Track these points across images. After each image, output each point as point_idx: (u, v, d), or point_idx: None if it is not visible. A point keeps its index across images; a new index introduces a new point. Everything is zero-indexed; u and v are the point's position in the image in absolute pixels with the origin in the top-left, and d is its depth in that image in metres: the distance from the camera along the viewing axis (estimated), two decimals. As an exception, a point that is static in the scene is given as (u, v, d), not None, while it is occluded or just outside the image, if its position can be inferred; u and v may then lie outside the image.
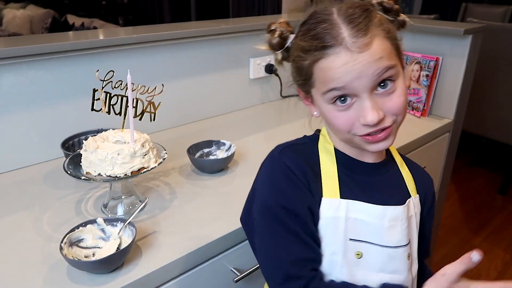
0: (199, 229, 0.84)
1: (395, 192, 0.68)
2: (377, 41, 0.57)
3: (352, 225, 0.63)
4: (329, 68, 0.57)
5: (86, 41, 1.11)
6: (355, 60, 0.55)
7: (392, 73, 0.58)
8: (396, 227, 0.64)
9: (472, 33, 1.36)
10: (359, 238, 0.63)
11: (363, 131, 0.59)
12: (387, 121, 0.59)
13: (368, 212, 0.63)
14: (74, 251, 0.72)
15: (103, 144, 0.81)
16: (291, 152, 0.66)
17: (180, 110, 1.38)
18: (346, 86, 0.57)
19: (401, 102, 0.59)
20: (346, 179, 0.65)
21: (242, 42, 1.49)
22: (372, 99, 0.57)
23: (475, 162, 3.01)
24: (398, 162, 0.72)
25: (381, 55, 0.56)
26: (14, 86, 1.04)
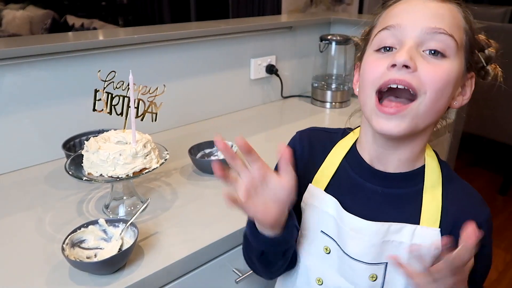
0: (201, 229, 0.84)
1: (392, 210, 0.62)
2: (452, 6, 0.56)
3: (327, 219, 0.64)
4: (393, 8, 0.57)
5: (87, 41, 1.11)
6: (418, 4, 0.55)
7: (447, 41, 0.53)
8: (358, 240, 0.61)
9: (473, 34, 1.36)
10: (329, 234, 0.65)
11: (385, 77, 0.54)
12: (415, 80, 0.52)
13: (338, 214, 0.63)
14: (76, 252, 0.72)
15: (104, 144, 0.81)
16: (313, 132, 0.72)
17: (181, 110, 1.38)
18: (398, 26, 0.54)
19: (440, 75, 0.53)
20: (343, 177, 0.65)
21: (243, 43, 1.48)
22: (413, 48, 0.53)
23: (476, 163, 3.00)
24: (429, 182, 0.62)
25: (446, 15, 0.54)
26: (16, 86, 1.04)
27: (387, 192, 0.63)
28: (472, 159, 3.03)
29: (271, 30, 1.55)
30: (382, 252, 0.61)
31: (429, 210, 0.61)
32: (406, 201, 0.62)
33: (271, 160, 0.71)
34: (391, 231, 0.60)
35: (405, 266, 0.53)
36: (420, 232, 0.60)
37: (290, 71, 1.68)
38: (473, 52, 0.59)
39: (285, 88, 1.67)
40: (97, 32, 1.41)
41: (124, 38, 1.18)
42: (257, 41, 1.53)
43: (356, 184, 0.65)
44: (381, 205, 0.63)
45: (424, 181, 0.62)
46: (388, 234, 0.60)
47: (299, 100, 1.68)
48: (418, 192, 0.62)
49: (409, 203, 0.62)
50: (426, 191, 0.62)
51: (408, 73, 0.52)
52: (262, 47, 1.55)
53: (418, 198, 0.62)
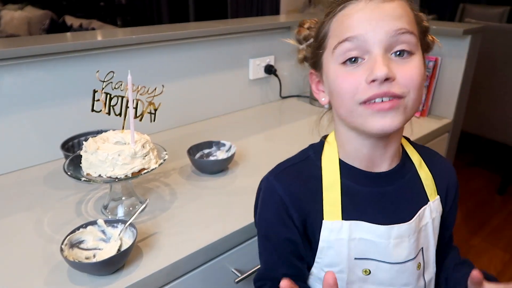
0: (199, 230, 0.84)
1: (410, 201, 0.65)
2: (402, 3, 0.55)
3: (357, 245, 0.61)
4: (347, 16, 0.55)
5: (86, 41, 1.11)
6: (374, 8, 0.53)
7: (410, 39, 0.54)
8: (403, 244, 0.62)
9: (471, 34, 1.37)
10: (365, 257, 0.62)
11: (369, 93, 0.53)
12: (397, 88, 0.53)
13: (372, 232, 0.61)
14: (74, 253, 0.72)
15: (103, 145, 0.81)
16: (287, 176, 0.64)
17: (180, 110, 1.38)
18: (360, 36, 0.53)
19: (415, 73, 0.54)
20: (351, 193, 0.62)
21: (241, 43, 1.49)
22: (384, 56, 0.53)
23: (474, 162, 3.01)
24: (416, 163, 0.67)
25: (402, 14, 0.53)
26: (14, 87, 1.03)
27: (397, 187, 0.64)
28: (471, 158, 3.04)
29: (270, 30, 1.55)
30: (419, 240, 0.65)
31: (428, 185, 0.67)
32: (412, 187, 0.66)
33: (270, 161, 0.71)
34: (419, 220, 0.65)
35: None
36: (432, 206, 0.66)
37: (289, 71, 1.68)
38: (423, 22, 0.60)
39: (283, 88, 1.67)
40: (95, 33, 1.40)
41: (123, 39, 1.18)
42: (255, 41, 1.53)
43: (367, 195, 0.63)
44: (399, 202, 0.64)
45: (413, 165, 0.67)
46: (419, 224, 0.65)
47: (298, 100, 1.69)
48: (414, 175, 0.67)
49: (413, 187, 0.66)
50: (419, 170, 0.67)
51: (389, 84, 0.53)
52: (261, 47, 1.55)
53: (417, 180, 0.67)
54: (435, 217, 0.67)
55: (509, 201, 2.55)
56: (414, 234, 0.63)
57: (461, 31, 1.34)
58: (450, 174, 0.72)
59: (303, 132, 0.73)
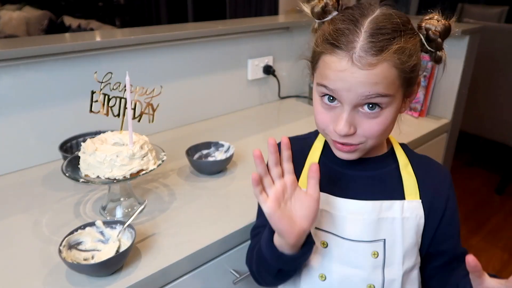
0: (198, 231, 0.84)
1: (378, 190, 0.68)
2: (384, 67, 0.56)
3: (319, 216, 0.67)
4: (329, 66, 0.59)
5: (84, 42, 1.11)
6: (352, 73, 0.56)
7: (382, 101, 0.58)
8: (356, 221, 0.66)
9: (470, 34, 1.37)
10: (324, 228, 0.68)
11: (333, 136, 0.63)
12: (355, 139, 0.61)
13: (331, 203, 0.67)
14: (73, 254, 0.72)
15: (101, 146, 0.81)
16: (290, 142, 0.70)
17: (179, 111, 1.38)
18: (335, 91, 0.59)
19: (377, 129, 0.61)
20: (325, 172, 0.66)
21: (240, 43, 1.48)
22: (351, 113, 0.59)
23: (473, 162, 3.01)
24: (402, 164, 0.71)
25: (378, 81, 0.56)
26: (12, 88, 1.03)
27: (369, 174, 0.70)
28: (469, 158, 3.04)
29: (268, 30, 1.55)
30: (380, 229, 0.66)
31: (409, 185, 0.69)
32: (387, 180, 0.70)
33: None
34: (384, 208, 0.67)
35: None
36: (407, 206, 0.68)
37: (288, 71, 1.68)
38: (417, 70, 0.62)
39: (282, 88, 1.67)
40: (93, 33, 1.40)
41: (121, 39, 1.18)
42: (254, 41, 1.53)
43: (338, 174, 0.70)
44: (367, 187, 0.69)
45: (396, 162, 0.71)
46: (382, 212, 0.67)
47: (297, 101, 1.69)
48: (395, 170, 0.70)
49: (390, 181, 0.70)
50: (402, 169, 0.70)
51: (350, 137, 0.61)
52: (259, 47, 1.55)
53: (397, 176, 0.70)
54: (408, 217, 0.67)
55: (508, 201, 2.56)
56: (370, 216, 0.66)
57: (459, 31, 1.34)
58: (441, 183, 0.72)
59: (301, 132, 0.74)
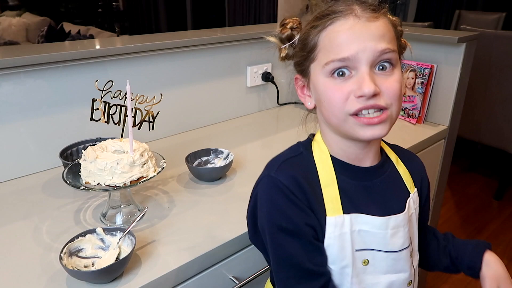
0: (198, 237, 0.84)
1: (395, 193, 0.69)
2: (384, 21, 0.60)
3: (357, 237, 0.64)
4: (337, 32, 0.58)
5: (84, 50, 1.12)
6: (362, 27, 0.57)
7: (392, 56, 0.59)
8: (398, 233, 0.66)
9: (466, 41, 1.38)
10: (365, 247, 0.64)
11: (358, 105, 0.58)
12: (382, 101, 0.58)
13: (371, 223, 0.64)
14: (73, 261, 0.72)
15: (102, 153, 0.82)
16: (287, 168, 0.64)
17: (178, 118, 1.39)
18: (350, 56, 0.57)
19: (397, 87, 0.60)
20: (346, 188, 0.65)
21: (238, 51, 1.50)
22: (370, 73, 0.58)
23: (471, 168, 3.02)
24: (394, 160, 0.73)
25: (385, 32, 0.59)
26: (12, 95, 1.04)
27: (382, 181, 0.69)
28: (467, 164, 3.05)
29: (267, 38, 1.57)
30: (410, 230, 0.69)
31: (407, 180, 0.71)
32: (394, 181, 0.71)
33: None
34: (409, 207, 0.69)
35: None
36: (413, 198, 0.71)
37: (286, 78, 1.69)
38: (400, 36, 0.65)
39: (281, 95, 1.68)
40: (94, 41, 1.41)
41: (121, 47, 1.19)
42: (253, 49, 1.54)
43: (359, 188, 0.66)
44: (386, 195, 0.68)
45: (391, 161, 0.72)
46: (409, 211, 0.69)
47: (295, 107, 1.70)
48: (393, 170, 0.72)
49: (396, 181, 0.71)
50: (397, 166, 0.72)
51: (375, 98, 0.58)
52: (258, 55, 1.57)
53: (397, 174, 0.71)
54: (416, 207, 0.71)
55: (506, 206, 2.56)
56: (407, 223, 0.68)
57: (456, 39, 1.36)
58: (421, 168, 0.77)
59: (300, 139, 0.74)
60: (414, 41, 1.49)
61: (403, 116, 1.52)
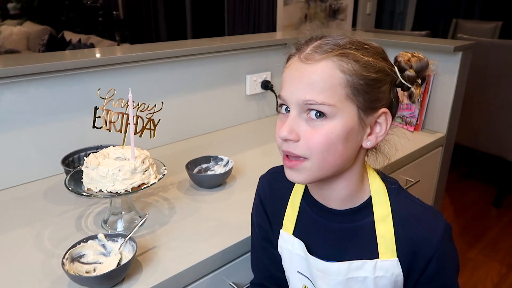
0: (198, 243, 0.85)
1: (352, 246, 0.64)
2: (327, 65, 0.55)
3: (300, 261, 0.70)
4: (286, 68, 0.61)
5: (86, 59, 1.14)
6: (297, 69, 0.57)
7: (321, 108, 0.55)
8: (324, 279, 0.66)
9: (462, 50, 1.40)
10: (304, 274, 0.70)
11: (280, 145, 0.60)
12: (297, 149, 0.57)
13: (306, 256, 0.68)
14: (75, 267, 0.73)
15: (104, 160, 0.83)
16: (272, 175, 0.77)
17: (179, 126, 1.40)
18: (284, 97, 0.59)
19: (319, 141, 0.55)
20: (304, 217, 0.70)
21: (238, 59, 1.52)
22: (296, 119, 0.57)
23: (470, 175, 3.03)
24: (378, 216, 0.63)
25: (318, 79, 0.54)
26: (14, 103, 1.05)
27: (343, 227, 0.65)
28: (466, 171, 3.06)
29: (266, 47, 1.59)
30: (350, 287, 0.65)
31: (384, 243, 0.62)
32: (362, 235, 0.64)
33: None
34: (353, 269, 0.63)
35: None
36: (381, 265, 0.62)
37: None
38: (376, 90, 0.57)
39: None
40: (95, 51, 1.43)
41: (122, 56, 1.21)
42: (252, 57, 1.56)
43: (316, 222, 0.68)
44: (340, 242, 0.65)
45: (372, 215, 0.63)
46: (351, 272, 0.63)
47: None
48: (372, 224, 0.63)
49: (365, 236, 0.63)
50: (377, 224, 0.62)
51: (293, 144, 0.57)
52: (258, 63, 1.59)
53: (373, 230, 0.63)
54: (381, 276, 0.62)
55: (505, 214, 2.57)
56: (336, 277, 0.64)
57: (452, 48, 1.38)
58: (425, 241, 0.61)
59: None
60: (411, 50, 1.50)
61: (401, 123, 1.54)
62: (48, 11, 4.91)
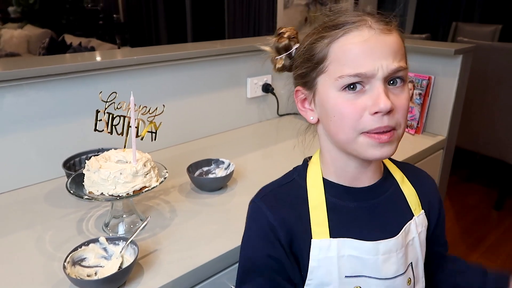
0: (199, 247, 0.85)
1: (395, 215, 0.66)
2: (397, 35, 0.58)
3: (347, 262, 0.62)
4: (351, 45, 0.55)
5: (87, 63, 1.14)
6: (377, 41, 0.55)
7: (404, 74, 0.58)
8: (391, 259, 0.63)
9: (463, 53, 1.40)
10: (355, 274, 0.63)
11: (372, 124, 0.55)
12: (393, 120, 0.56)
13: (360, 248, 0.62)
14: (76, 270, 0.73)
15: (105, 163, 0.83)
16: (273, 199, 0.65)
17: (180, 129, 1.40)
18: (368, 72, 0.54)
19: (407, 104, 0.58)
20: (337, 212, 0.63)
21: (239, 62, 1.52)
22: (385, 89, 0.55)
23: (471, 178, 3.03)
24: (399, 179, 0.69)
25: (398, 48, 0.57)
26: (15, 106, 1.05)
27: (380, 201, 0.66)
28: (467, 174, 3.06)
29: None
30: (407, 255, 0.66)
31: (412, 201, 0.69)
32: (396, 201, 0.68)
33: (268, 178, 0.73)
34: (406, 234, 0.66)
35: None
36: (418, 221, 0.68)
37: (286, 89, 1.71)
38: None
39: (281, 106, 1.70)
40: (95, 54, 1.44)
41: (122, 60, 1.21)
42: (253, 60, 1.56)
43: (352, 210, 0.64)
44: (384, 217, 0.66)
45: (394, 180, 0.69)
46: (406, 238, 0.66)
47: (295, 118, 1.71)
48: (397, 189, 0.69)
49: (398, 201, 0.68)
50: (402, 185, 0.69)
51: (389, 117, 0.56)
52: (258, 66, 1.58)
53: (400, 194, 0.69)
54: (421, 231, 0.68)
55: (506, 217, 2.56)
56: (402, 249, 0.64)
57: (453, 51, 1.38)
58: (432, 190, 0.74)
59: (300, 150, 0.76)
60: (412, 53, 1.50)
61: (402, 126, 1.54)
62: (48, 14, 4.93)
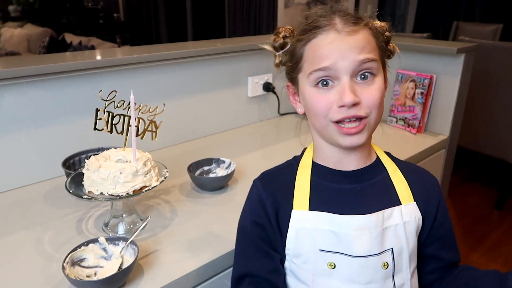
0: (200, 247, 0.84)
1: (376, 200, 0.69)
2: (365, 33, 0.63)
3: (323, 236, 0.67)
4: (318, 46, 0.63)
5: (87, 61, 1.13)
6: (342, 41, 0.61)
7: (373, 65, 0.62)
8: (363, 236, 0.66)
9: (465, 52, 1.40)
10: (330, 249, 0.67)
11: (338, 115, 0.62)
12: (362, 110, 0.62)
13: (334, 222, 0.67)
14: (76, 271, 0.72)
15: (105, 163, 0.82)
16: (267, 178, 0.75)
17: (180, 128, 1.39)
18: (330, 65, 0.61)
19: (377, 95, 0.63)
20: (319, 190, 0.69)
21: (239, 61, 1.51)
22: (351, 83, 0.62)
23: (472, 178, 3.02)
24: (390, 170, 0.73)
25: (364, 44, 0.62)
26: (15, 105, 1.05)
27: (365, 185, 0.70)
28: (468, 174, 3.05)
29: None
30: (385, 239, 0.67)
31: (401, 189, 0.71)
32: (381, 188, 0.71)
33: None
34: (386, 218, 0.68)
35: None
36: (405, 210, 0.69)
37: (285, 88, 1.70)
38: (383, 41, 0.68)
39: (282, 105, 1.69)
40: (95, 53, 1.43)
41: (123, 58, 1.20)
42: (254, 59, 1.55)
43: (334, 191, 0.70)
44: (365, 199, 0.69)
45: (385, 169, 0.73)
46: (385, 221, 0.68)
47: (296, 117, 1.70)
48: (386, 178, 0.72)
49: (384, 188, 0.71)
50: (392, 175, 0.72)
51: (355, 107, 0.62)
52: (259, 65, 1.58)
53: (388, 183, 0.71)
54: (408, 221, 0.69)
55: (507, 216, 2.56)
56: (376, 229, 0.66)
57: (455, 50, 1.37)
58: (431, 188, 0.74)
59: (300, 149, 0.76)
60: (413, 52, 1.50)
61: (404, 126, 1.53)
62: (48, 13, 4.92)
